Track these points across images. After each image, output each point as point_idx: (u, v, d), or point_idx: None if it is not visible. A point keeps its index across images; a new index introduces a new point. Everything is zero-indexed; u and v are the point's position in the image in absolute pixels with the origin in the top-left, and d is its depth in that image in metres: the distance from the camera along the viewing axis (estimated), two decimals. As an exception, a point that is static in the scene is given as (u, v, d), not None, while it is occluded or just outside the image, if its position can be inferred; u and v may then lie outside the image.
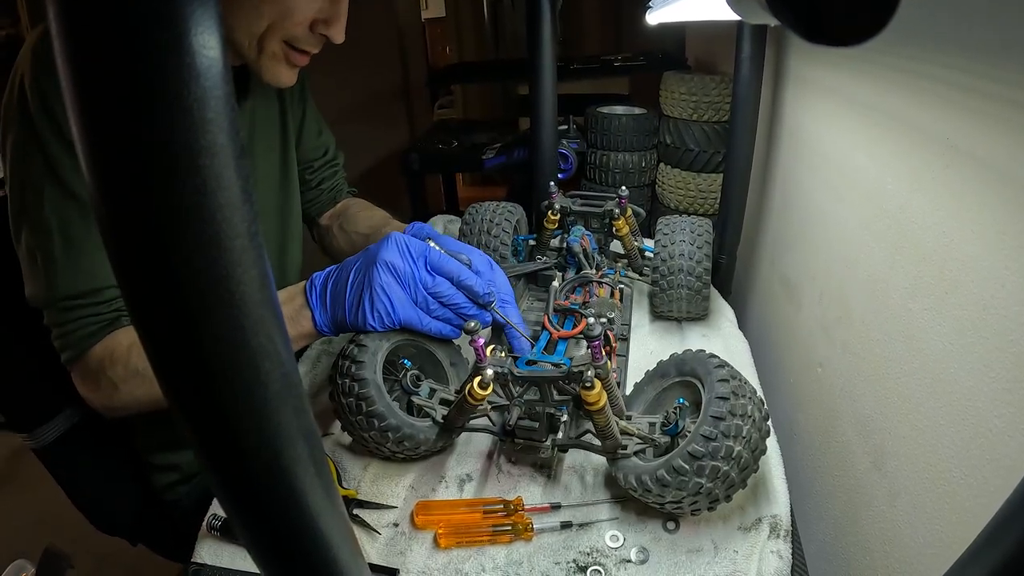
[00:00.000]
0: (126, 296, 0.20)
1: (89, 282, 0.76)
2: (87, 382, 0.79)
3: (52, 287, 0.75)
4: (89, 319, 0.77)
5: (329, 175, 1.16)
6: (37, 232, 0.74)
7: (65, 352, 0.78)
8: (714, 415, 0.59)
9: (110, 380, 0.77)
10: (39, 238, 0.74)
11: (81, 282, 0.75)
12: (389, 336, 0.74)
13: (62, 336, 0.77)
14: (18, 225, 0.76)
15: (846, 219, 0.81)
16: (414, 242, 0.74)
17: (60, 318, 0.77)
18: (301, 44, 0.77)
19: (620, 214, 1.01)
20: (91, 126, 0.17)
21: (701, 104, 1.47)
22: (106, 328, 0.78)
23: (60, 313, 0.76)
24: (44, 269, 0.75)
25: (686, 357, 0.70)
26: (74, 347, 0.77)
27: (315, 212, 1.18)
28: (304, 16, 0.74)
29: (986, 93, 0.51)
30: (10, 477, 2.05)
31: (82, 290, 0.76)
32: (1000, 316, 0.49)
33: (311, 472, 0.23)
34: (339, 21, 0.76)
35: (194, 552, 0.67)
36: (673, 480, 0.59)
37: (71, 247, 0.75)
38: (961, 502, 0.53)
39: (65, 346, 0.78)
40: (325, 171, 1.15)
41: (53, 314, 0.77)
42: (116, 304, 0.78)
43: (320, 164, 1.14)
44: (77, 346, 0.77)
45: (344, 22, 0.77)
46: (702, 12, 0.93)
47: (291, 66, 0.80)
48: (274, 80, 0.80)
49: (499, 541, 0.65)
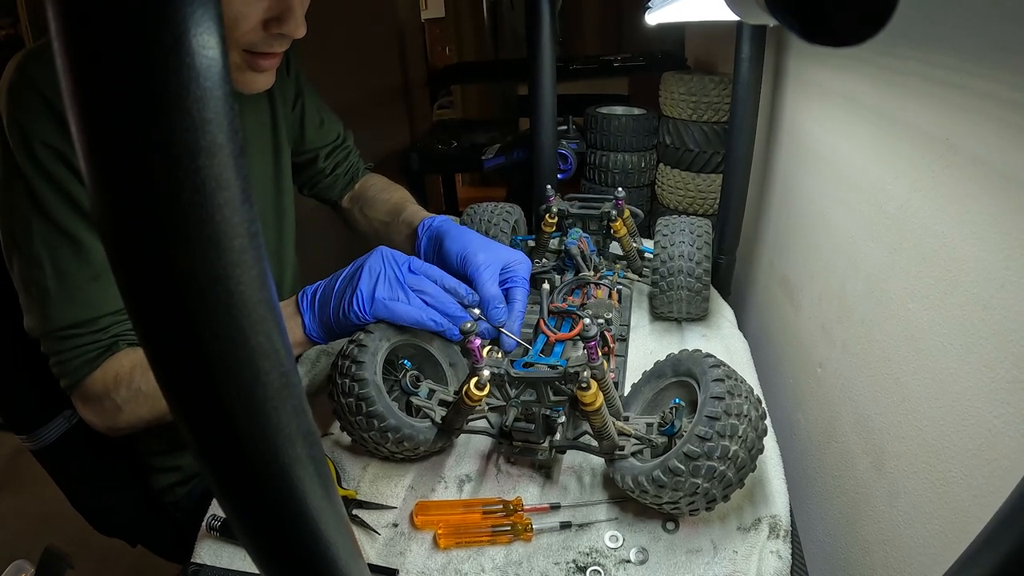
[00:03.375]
0: (126, 296, 0.19)
1: (83, 313, 0.75)
2: (89, 406, 0.79)
3: (46, 318, 0.74)
4: (85, 347, 0.76)
5: (342, 159, 1.15)
6: (28, 265, 0.74)
7: (64, 379, 0.78)
8: (709, 415, 0.59)
9: (114, 403, 0.76)
10: (31, 271, 0.74)
11: (75, 313, 0.75)
12: (389, 336, 0.74)
13: (59, 364, 0.77)
14: (10, 256, 0.76)
15: (845, 219, 0.81)
16: (399, 255, 0.78)
17: (56, 347, 0.76)
18: (261, 48, 0.72)
19: (617, 216, 1.01)
20: (90, 127, 0.17)
21: (700, 104, 1.47)
22: (104, 354, 0.77)
23: (56, 343, 0.76)
24: (38, 301, 0.74)
25: (682, 357, 0.70)
26: (72, 375, 0.77)
27: (335, 196, 1.17)
28: (251, 21, 0.68)
29: (986, 94, 0.51)
30: (10, 477, 2.05)
31: (77, 320, 0.75)
32: (1000, 316, 0.49)
33: (310, 472, 0.23)
34: (292, 15, 0.70)
35: (193, 552, 0.67)
36: (669, 481, 0.59)
37: (63, 280, 0.74)
38: (961, 502, 0.53)
39: (63, 373, 0.77)
40: (337, 156, 1.15)
41: (49, 343, 0.76)
42: (113, 330, 0.77)
43: (329, 151, 1.13)
44: (75, 374, 0.77)
45: (300, 15, 0.71)
46: (701, 12, 0.93)
47: (259, 71, 0.75)
48: (248, 88, 0.76)
49: (498, 541, 0.65)
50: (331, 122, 1.14)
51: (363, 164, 1.20)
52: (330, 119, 1.14)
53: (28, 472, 1.93)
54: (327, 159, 1.13)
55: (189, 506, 1.05)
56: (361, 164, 1.20)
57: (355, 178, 1.18)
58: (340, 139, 1.15)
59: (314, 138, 1.10)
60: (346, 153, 1.17)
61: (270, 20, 0.69)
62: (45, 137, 0.70)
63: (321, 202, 1.20)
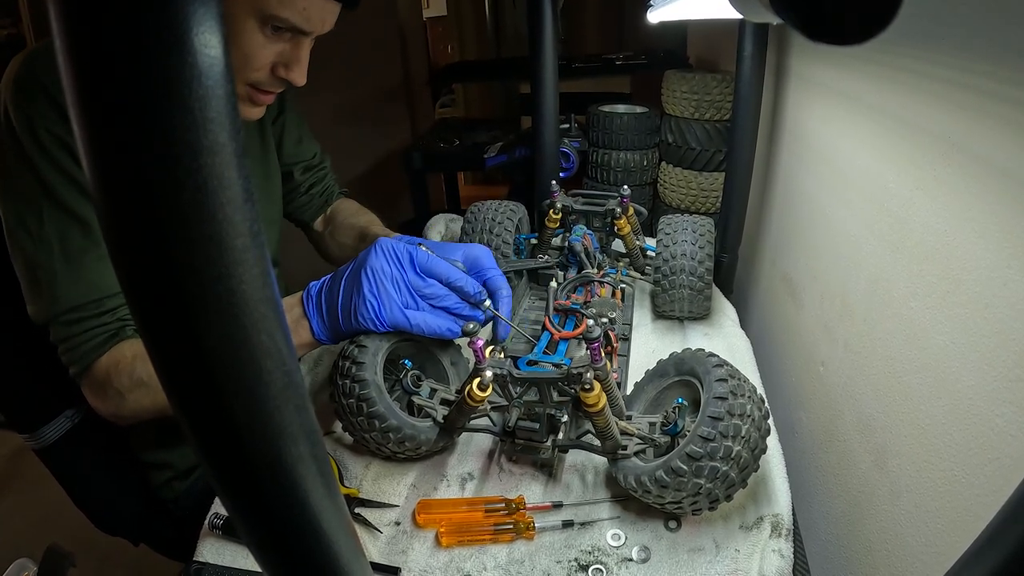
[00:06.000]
0: (128, 295, 0.20)
1: (91, 293, 0.76)
2: (95, 393, 0.80)
3: (54, 300, 0.76)
4: (94, 331, 0.77)
5: (318, 179, 1.17)
6: (37, 248, 0.75)
7: (72, 366, 0.79)
8: (712, 415, 0.59)
9: (116, 390, 0.78)
10: (40, 254, 0.75)
11: (83, 293, 0.76)
12: (389, 336, 0.74)
13: (68, 351, 0.78)
14: (18, 243, 0.76)
15: (848, 218, 0.81)
16: (400, 246, 0.75)
17: (64, 332, 0.77)
18: (264, 86, 0.79)
19: (622, 213, 1.01)
20: (94, 126, 0.17)
21: (703, 103, 1.46)
22: (111, 339, 0.78)
23: (64, 327, 0.77)
24: (46, 283, 0.76)
25: (685, 356, 0.69)
26: (80, 361, 0.78)
27: (308, 217, 1.18)
28: (263, 62, 0.76)
29: (988, 92, 0.51)
30: (13, 476, 2.05)
31: (84, 301, 0.76)
32: (1002, 314, 0.49)
33: (313, 471, 0.23)
34: (299, 65, 0.78)
35: (196, 551, 0.68)
36: (672, 481, 0.59)
37: (71, 260, 0.75)
38: (963, 501, 0.53)
39: (72, 360, 0.78)
40: (314, 175, 1.16)
41: (58, 329, 0.77)
42: (119, 313, 0.78)
43: (305, 167, 1.15)
44: (83, 360, 0.78)
45: (305, 66, 0.79)
46: (704, 10, 0.93)
47: (257, 105, 0.82)
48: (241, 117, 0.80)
49: (500, 540, 0.65)
50: (309, 141, 1.16)
51: (338, 188, 1.22)
52: (308, 138, 1.16)
53: (30, 471, 1.93)
54: (303, 174, 1.15)
55: (190, 504, 1.06)
56: (336, 188, 1.22)
57: (329, 200, 1.20)
58: (317, 159, 1.17)
59: (291, 153, 1.12)
60: (323, 174, 1.19)
61: (278, 64, 0.77)
62: (51, 126, 0.72)
63: (295, 223, 1.21)
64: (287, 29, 0.74)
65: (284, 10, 0.71)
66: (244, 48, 0.73)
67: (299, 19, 0.73)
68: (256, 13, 0.71)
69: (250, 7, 0.70)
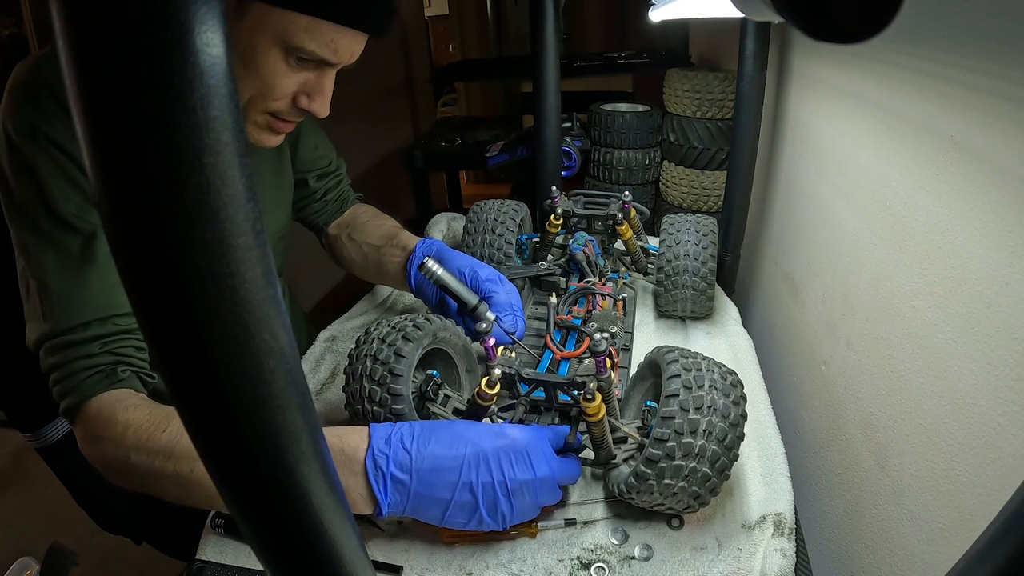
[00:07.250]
0: (131, 295, 0.20)
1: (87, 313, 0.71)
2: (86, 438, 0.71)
3: (48, 319, 0.70)
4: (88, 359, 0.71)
5: (333, 185, 1.16)
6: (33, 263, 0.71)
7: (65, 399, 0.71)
8: (664, 415, 0.58)
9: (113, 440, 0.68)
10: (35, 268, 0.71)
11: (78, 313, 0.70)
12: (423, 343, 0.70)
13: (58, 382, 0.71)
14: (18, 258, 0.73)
15: (850, 217, 0.81)
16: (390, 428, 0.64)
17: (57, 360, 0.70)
18: (284, 116, 0.77)
19: (624, 218, 1.00)
20: (95, 125, 0.17)
21: (705, 101, 1.46)
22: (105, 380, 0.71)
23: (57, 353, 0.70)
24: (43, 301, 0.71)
25: (653, 356, 0.69)
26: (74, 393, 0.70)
27: (323, 222, 1.18)
28: (284, 92, 0.73)
29: (990, 90, 0.51)
30: (15, 475, 2.06)
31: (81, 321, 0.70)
32: (1004, 313, 0.48)
33: (315, 469, 0.23)
34: (323, 96, 0.75)
35: (198, 549, 0.68)
36: (640, 485, 0.58)
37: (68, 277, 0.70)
38: (965, 500, 0.53)
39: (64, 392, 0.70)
40: (329, 182, 1.16)
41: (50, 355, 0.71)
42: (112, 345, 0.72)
43: (320, 174, 1.14)
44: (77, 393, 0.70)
45: (328, 97, 0.76)
46: (705, 9, 0.93)
47: (276, 133, 0.79)
48: (259, 144, 0.80)
49: (503, 538, 0.65)
50: (326, 148, 1.15)
51: (353, 194, 1.21)
52: (325, 145, 1.15)
53: (33, 470, 1.94)
54: (318, 181, 1.14)
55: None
56: (351, 193, 1.21)
57: (344, 206, 1.19)
58: (332, 166, 1.16)
59: (306, 159, 1.11)
60: (338, 180, 1.18)
61: (300, 95, 0.75)
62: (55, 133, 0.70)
63: (307, 227, 1.20)
64: (312, 60, 0.71)
65: (310, 42, 0.68)
66: (266, 77, 0.70)
67: (326, 51, 0.70)
68: (280, 43, 0.68)
69: (274, 36, 0.67)
